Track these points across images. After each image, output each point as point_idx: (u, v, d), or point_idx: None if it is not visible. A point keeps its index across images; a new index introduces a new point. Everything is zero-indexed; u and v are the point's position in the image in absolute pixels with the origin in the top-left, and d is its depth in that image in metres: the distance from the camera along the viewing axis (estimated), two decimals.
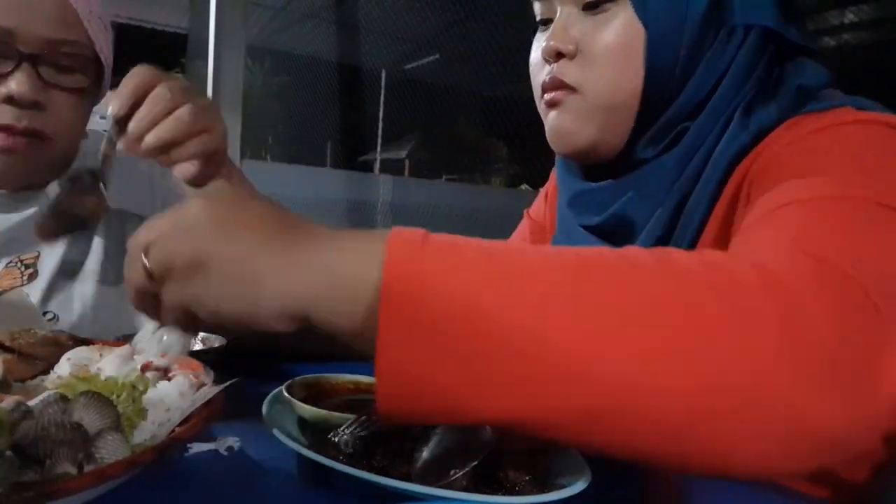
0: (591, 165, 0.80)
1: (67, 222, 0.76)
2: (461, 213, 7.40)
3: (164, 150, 0.76)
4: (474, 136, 9.92)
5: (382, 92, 8.89)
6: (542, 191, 1.00)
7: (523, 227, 1.01)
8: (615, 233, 0.77)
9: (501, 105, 6.35)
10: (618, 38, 0.72)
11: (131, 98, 0.75)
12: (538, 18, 0.80)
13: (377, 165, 10.27)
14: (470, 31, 7.02)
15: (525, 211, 1.02)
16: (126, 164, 0.88)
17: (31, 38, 0.88)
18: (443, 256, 0.41)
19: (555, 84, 0.75)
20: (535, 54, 0.80)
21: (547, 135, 0.80)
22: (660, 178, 0.73)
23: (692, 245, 0.71)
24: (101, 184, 0.76)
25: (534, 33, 0.82)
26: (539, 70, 0.79)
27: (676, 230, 0.72)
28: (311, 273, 0.43)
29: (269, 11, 8.02)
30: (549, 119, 0.78)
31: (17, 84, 0.87)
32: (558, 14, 0.76)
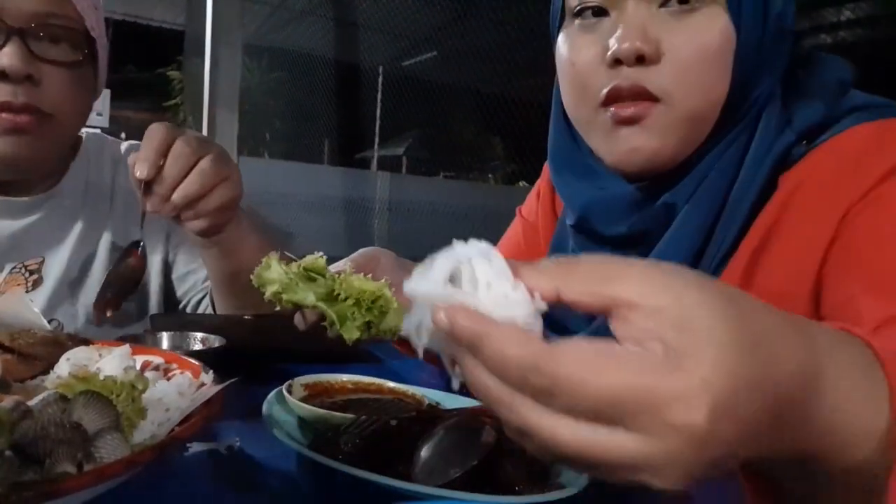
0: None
1: (120, 292, 0.80)
2: (458, 211, 7.40)
3: (190, 206, 0.77)
4: (472, 133, 9.91)
5: (380, 89, 8.87)
6: (534, 189, 0.98)
7: (516, 226, 0.99)
8: (637, 241, 0.72)
9: (499, 102, 6.35)
10: (713, 40, 0.64)
11: (157, 160, 0.75)
12: (581, 7, 0.69)
13: (374, 162, 10.26)
14: (468, 28, 7.01)
15: (517, 208, 1.00)
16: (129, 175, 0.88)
17: (18, 11, 0.87)
18: None
19: (636, 93, 0.65)
20: (587, 53, 0.69)
21: (613, 154, 0.70)
22: (698, 173, 0.68)
23: (729, 251, 0.67)
24: (141, 243, 0.82)
25: (558, 28, 0.73)
26: (594, 73, 0.68)
27: (714, 237, 0.68)
28: (819, 440, 0.36)
29: (265, 8, 8.00)
30: (623, 136, 0.68)
31: (7, 58, 0.86)
32: (629, 9, 0.66)
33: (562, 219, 0.84)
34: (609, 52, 0.66)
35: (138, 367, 0.57)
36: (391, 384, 0.70)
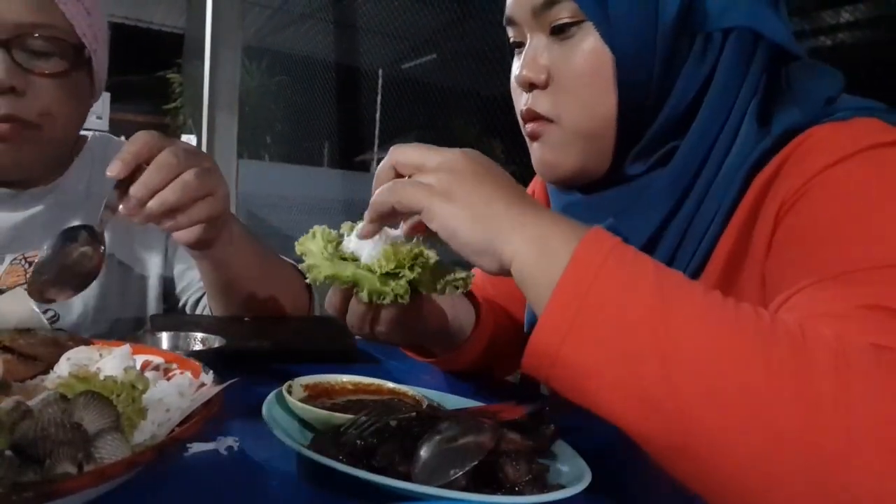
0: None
1: (64, 280, 0.73)
2: None
3: (168, 216, 0.76)
4: (471, 135, 9.92)
5: (380, 91, 8.88)
6: (529, 189, 0.99)
7: None
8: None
9: (499, 104, 6.35)
10: (585, 63, 0.70)
11: (133, 162, 0.74)
12: (511, 41, 0.78)
13: (374, 165, 10.25)
14: (467, 30, 7.02)
15: None
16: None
17: (2, 22, 0.86)
18: (623, 267, 0.49)
19: (531, 115, 0.74)
20: (513, 73, 0.78)
21: (534, 166, 0.79)
22: (653, 195, 0.71)
23: (703, 258, 0.69)
24: (101, 246, 0.76)
25: (511, 53, 0.80)
26: (518, 95, 0.77)
27: (682, 246, 0.70)
28: (524, 237, 0.53)
29: (265, 11, 8.01)
30: (532, 150, 0.77)
31: None
32: (528, 41, 0.74)
33: None
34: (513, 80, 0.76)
35: (138, 367, 0.57)
36: (391, 384, 0.70)
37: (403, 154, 0.60)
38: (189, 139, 5.42)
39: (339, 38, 8.35)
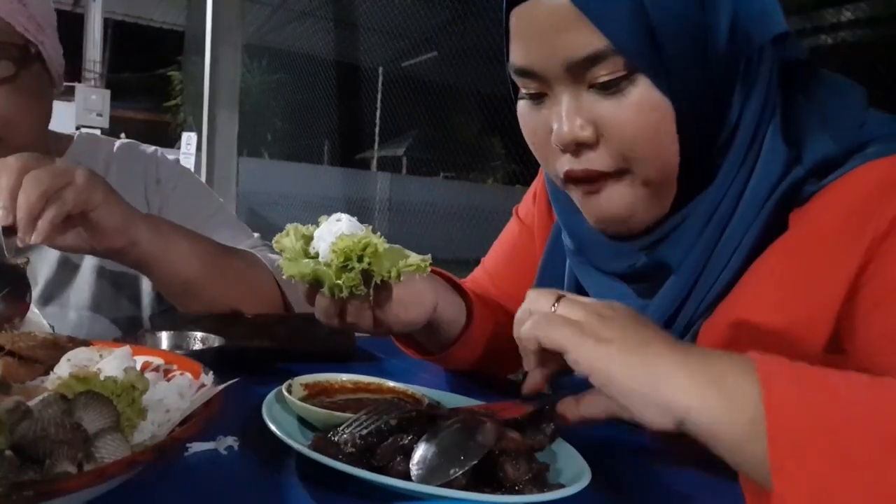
0: None
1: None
2: (458, 211, 7.40)
3: (35, 218, 0.73)
4: (472, 133, 9.92)
5: (380, 89, 8.88)
6: (531, 190, 0.98)
7: (512, 227, 0.98)
8: (645, 276, 0.72)
9: (499, 102, 6.35)
10: (645, 119, 0.63)
11: (11, 201, 0.72)
12: (524, 92, 0.70)
13: (374, 163, 10.26)
14: (468, 28, 7.02)
15: (514, 208, 0.99)
16: (122, 174, 0.85)
17: None
18: (810, 384, 0.46)
19: (591, 176, 0.67)
20: (540, 132, 0.69)
21: (590, 218, 0.71)
22: (695, 219, 0.68)
23: (726, 284, 0.66)
24: (27, 291, 0.76)
25: (515, 97, 0.72)
26: (551, 152, 0.69)
27: (706, 268, 0.67)
28: (699, 381, 0.48)
29: (266, 9, 8.00)
30: (590, 204, 0.69)
31: None
32: (559, 96, 0.65)
33: (557, 223, 0.84)
34: (552, 139, 0.67)
35: (138, 367, 0.57)
36: (391, 384, 0.70)
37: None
38: (189, 137, 5.42)
39: (340, 35, 8.35)
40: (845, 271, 0.61)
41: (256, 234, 1.12)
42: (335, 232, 0.67)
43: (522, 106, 0.71)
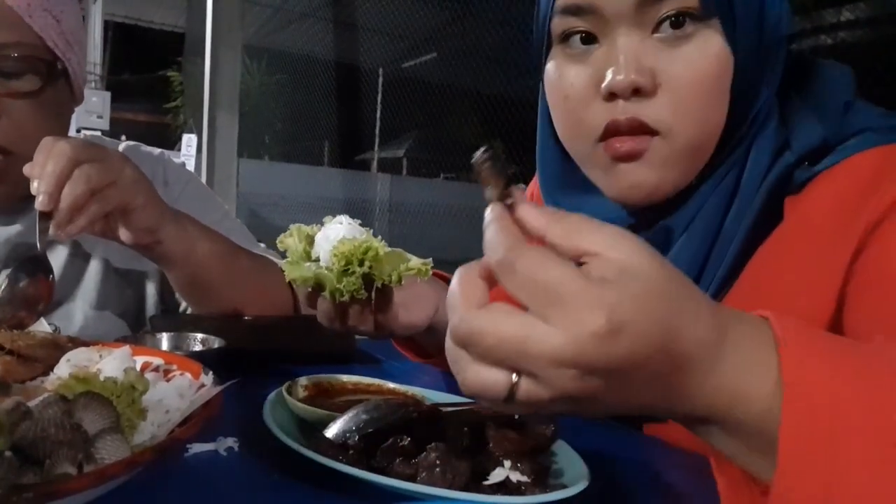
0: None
1: (17, 310, 0.75)
2: (459, 212, 7.40)
3: (78, 211, 0.75)
4: (472, 134, 9.92)
5: (380, 90, 8.88)
6: (528, 191, 0.98)
7: None
8: None
9: (499, 103, 6.35)
10: (711, 68, 0.62)
11: (56, 190, 0.73)
12: (572, 35, 0.66)
13: (375, 164, 10.27)
14: (467, 29, 7.02)
15: None
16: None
17: None
18: (838, 367, 0.40)
19: (634, 127, 0.63)
20: (579, 86, 0.66)
21: (613, 189, 0.68)
22: (708, 208, 0.67)
23: (728, 277, 0.66)
24: (50, 274, 0.79)
25: (546, 49, 0.69)
26: (588, 107, 0.65)
27: (709, 264, 0.66)
28: (714, 396, 0.40)
29: (266, 10, 8.01)
30: (623, 171, 0.66)
31: None
32: (621, 36, 0.63)
33: None
34: (604, 85, 0.63)
35: (138, 368, 0.57)
36: (391, 384, 0.70)
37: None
38: (189, 138, 5.42)
39: (340, 37, 8.35)
40: (841, 259, 0.61)
41: (262, 245, 1.12)
42: (336, 236, 0.67)
43: (556, 64, 0.68)
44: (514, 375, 0.37)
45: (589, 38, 0.65)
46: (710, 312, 0.40)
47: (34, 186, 0.74)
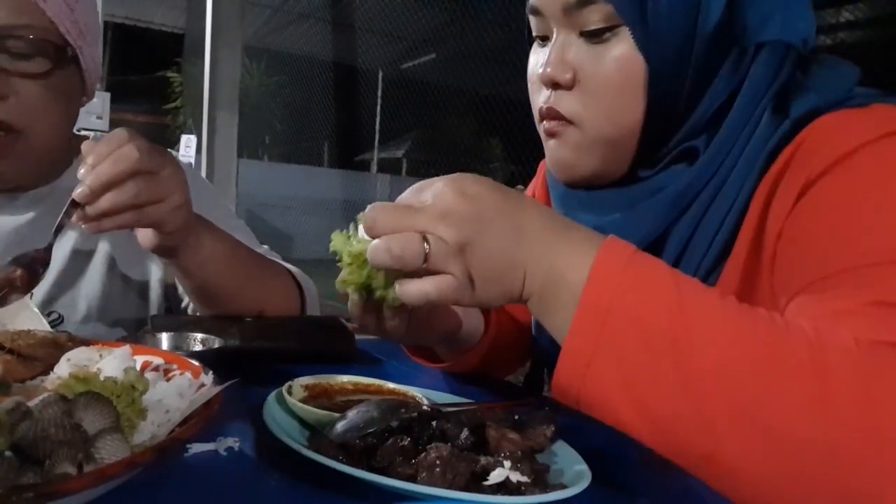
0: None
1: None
2: None
3: (115, 214, 0.74)
4: (471, 134, 9.92)
5: (379, 91, 8.88)
6: (529, 190, 0.98)
7: None
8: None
9: (498, 104, 6.35)
10: (617, 72, 0.68)
11: (100, 189, 0.72)
12: (534, 34, 0.76)
13: (374, 164, 10.26)
14: (466, 30, 7.02)
15: None
16: None
17: None
18: (642, 281, 0.52)
19: (551, 114, 0.72)
20: (533, 70, 0.76)
21: (547, 162, 0.77)
22: (670, 193, 0.70)
23: (717, 255, 0.68)
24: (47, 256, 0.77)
25: (529, 42, 0.79)
26: (537, 90, 0.75)
27: (692, 242, 0.69)
28: (541, 267, 0.55)
29: (265, 11, 8.01)
30: (549, 148, 0.75)
31: None
32: (555, 38, 0.72)
33: None
34: (539, 76, 0.73)
35: (138, 367, 0.57)
36: (391, 385, 0.70)
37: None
38: (189, 139, 5.42)
39: (339, 37, 8.35)
40: (780, 218, 0.64)
41: (265, 246, 1.12)
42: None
43: (532, 51, 0.77)
44: (422, 238, 0.54)
45: (544, 37, 0.75)
46: (552, 214, 0.58)
47: (81, 172, 0.72)
